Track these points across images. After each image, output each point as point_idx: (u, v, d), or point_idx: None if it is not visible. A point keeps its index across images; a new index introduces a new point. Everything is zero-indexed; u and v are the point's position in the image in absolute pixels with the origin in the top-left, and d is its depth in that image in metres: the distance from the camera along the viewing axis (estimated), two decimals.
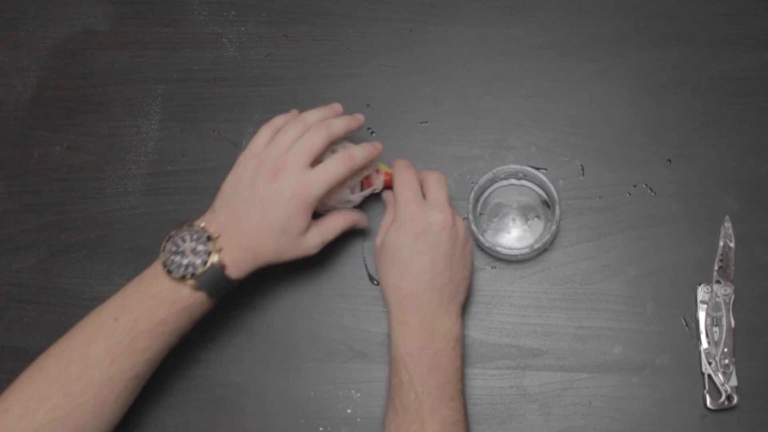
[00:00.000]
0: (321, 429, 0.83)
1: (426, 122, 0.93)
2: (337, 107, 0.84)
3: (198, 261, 0.74)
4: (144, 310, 0.74)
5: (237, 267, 0.76)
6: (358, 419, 0.83)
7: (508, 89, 0.94)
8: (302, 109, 0.92)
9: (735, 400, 0.79)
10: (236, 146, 0.94)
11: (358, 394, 0.84)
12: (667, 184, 0.88)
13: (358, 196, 0.84)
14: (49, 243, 0.92)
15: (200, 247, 0.75)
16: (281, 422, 0.84)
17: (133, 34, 1.01)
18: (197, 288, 0.74)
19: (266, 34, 0.99)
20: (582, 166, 0.89)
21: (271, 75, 0.97)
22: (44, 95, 0.99)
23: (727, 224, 0.84)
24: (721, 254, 0.84)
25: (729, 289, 0.82)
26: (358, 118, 0.84)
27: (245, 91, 0.96)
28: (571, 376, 0.83)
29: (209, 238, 0.75)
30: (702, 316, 0.82)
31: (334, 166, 0.77)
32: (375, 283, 0.87)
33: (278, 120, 0.82)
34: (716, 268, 0.84)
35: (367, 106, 0.94)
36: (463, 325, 0.79)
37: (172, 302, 0.74)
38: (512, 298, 0.86)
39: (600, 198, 0.88)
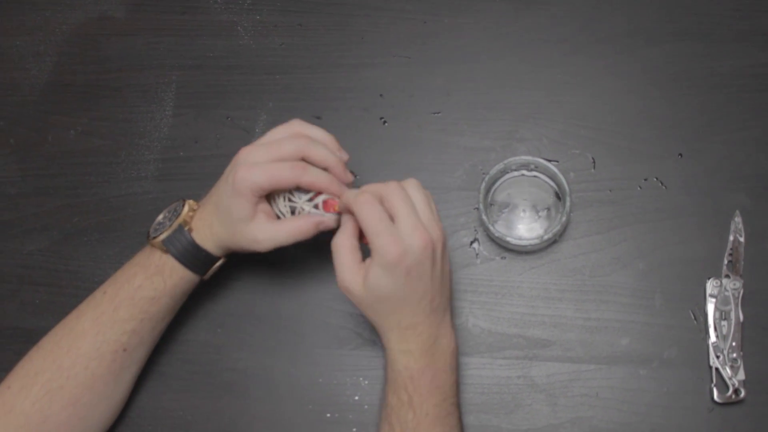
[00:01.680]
0: (328, 415, 0.83)
1: (438, 113, 0.93)
2: (344, 155, 0.81)
3: (168, 222, 0.79)
4: (124, 280, 0.79)
5: (200, 235, 0.79)
6: (366, 406, 0.83)
7: (520, 82, 0.94)
8: (314, 98, 0.93)
9: (742, 393, 0.79)
10: (249, 133, 0.94)
11: (366, 382, 0.84)
12: (677, 178, 0.88)
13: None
14: (61, 226, 0.93)
15: (174, 214, 0.79)
16: (289, 408, 0.84)
17: (148, 21, 1.01)
18: (165, 249, 0.78)
19: (281, 23, 0.99)
20: (593, 158, 0.90)
21: (285, 63, 0.97)
22: (59, 80, 1.00)
23: (738, 219, 0.85)
24: (731, 249, 0.84)
25: (738, 284, 0.82)
26: (347, 176, 0.79)
27: (259, 79, 0.97)
28: (578, 368, 0.83)
29: (183, 205, 0.79)
30: (711, 309, 0.82)
31: (283, 168, 0.75)
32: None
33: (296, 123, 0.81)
34: (726, 262, 0.84)
35: (380, 95, 0.94)
36: (455, 335, 0.77)
37: (146, 267, 0.78)
38: (521, 288, 0.86)
39: (610, 191, 0.88)
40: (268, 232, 0.77)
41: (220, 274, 0.87)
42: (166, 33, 1.00)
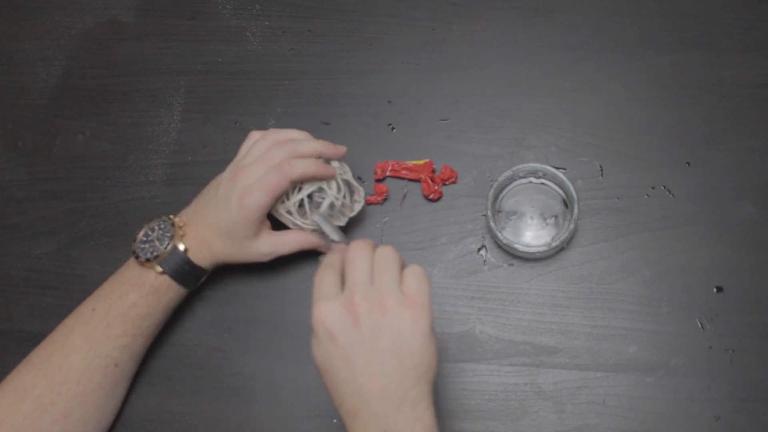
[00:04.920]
0: (335, 421, 0.83)
1: (447, 120, 0.94)
2: (340, 148, 0.83)
3: (160, 246, 0.79)
4: (116, 297, 0.79)
5: (197, 255, 0.80)
6: None
7: (529, 89, 0.94)
8: (322, 104, 0.94)
9: None
10: None
11: None
12: (685, 186, 0.88)
13: (306, 222, 0.82)
14: (69, 230, 0.93)
15: (165, 234, 0.80)
16: (295, 413, 0.84)
17: (157, 26, 1.02)
18: (161, 271, 0.79)
19: (290, 28, 1.00)
20: (601, 166, 0.90)
21: (293, 69, 0.98)
22: (68, 84, 1.00)
23: None
24: None
25: None
26: (338, 149, 0.82)
27: (268, 85, 0.97)
28: (585, 375, 0.83)
29: (173, 225, 0.80)
30: None
31: (272, 176, 0.77)
32: None
33: (255, 134, 0.84)
34: None
35: (389, 102, 0.95)
36: (431, 424, 0.64)
37: (140, 286, 0.79)
38: (528, 295, 0.86)
39: (618, 199, 0.88)
40: (271, 245, 0.81)
41: (226, 279, 0.88)
42: (175, 38, 1.01)
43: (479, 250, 0.88)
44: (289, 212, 0.82)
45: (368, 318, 0.63)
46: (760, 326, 0.83)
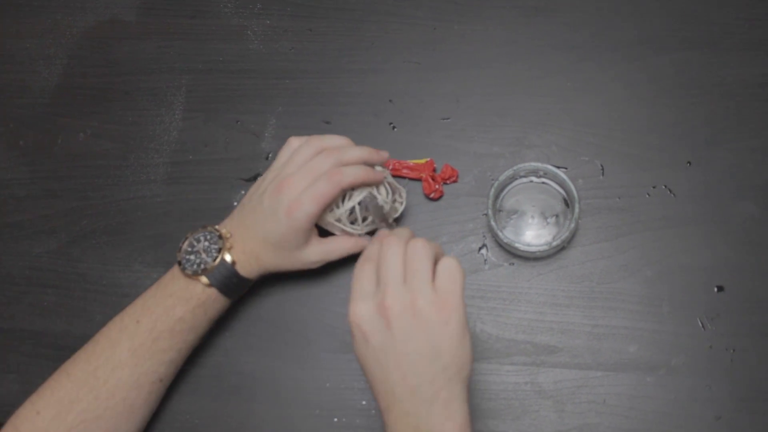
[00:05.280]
0: (335, 420, 0.83)
1: (448, 119, 0.94)
2: (384, 153, 0.84)
3: (209, 258, 0.78)
4: (162, 311, 0.77)
5: (245, 267, 0.79)
6: (373, 411, 0.83)
7: (530, 88, 0.94)
8: (323, 103, 0.94)
9: None
10: (258, 137, 0.94)
11: None
12: (686, 186, 0.88)
13: (356, 228, 0.82)
14: (70, 228, 0.93)
15: (212, 246, 0.78)
16: (296, 412, 0.84)
17: (158, 25, 1.02)
18: (209, 284, 0.78)
19: (291, 27, 1.00)
20: (602, 166, 0.90)
21: (294, 68, 0.98)
22: (70, 83, 1.00)
23: None
24: None
25: None
26: (381, 154, 0.83)
27: (269, 84, 0.97)
28: (585, 374, 0.83)
29: (220, 237, 0.79)
30: None
31: (322, 185, 0.77)
32: None
33: (295, 141, 0.83)
34: None
35: (390, 101, 0.95)
36: (463, 423, 0.65)
37: (187, 300, 0.78)
38: (529, 294, 0.86)
39: (619, 198, 0.88)
40: (321, 253, 0.81)
41: None
42: (176, 37, 1.01)
43: (480, 249, 0.88)
44: (339, 220, 0.81)
45: (399, 320, 0.64)
46: (761, 326, 0.83)
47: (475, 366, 0.84)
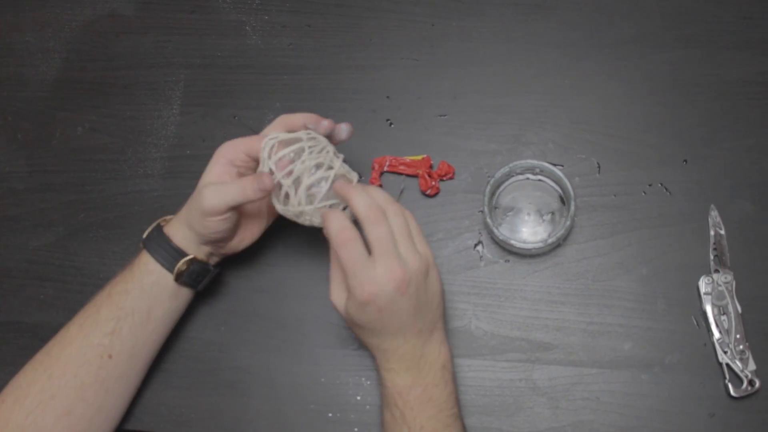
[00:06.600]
0: (330, 415, 0.84)
1: (445, 115, 0.94)
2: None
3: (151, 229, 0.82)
4: (109, 284, 0.80)
5: (177, 233, 0.80)
6: (367, 406, 0.84)
7: (527, 86, 0.94)
8: (321, 99, 0.94)
9: (757, 384, 0.80)
10: (256, 132, 0.94)
11: (369, 382, 0.84)
12: (682, 184, 0.88)
13: (309, 209, 0.76)
14: (67, 222, 0.93)
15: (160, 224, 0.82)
16: (291, 407, 0.84)
17: (157, 20, 1.02)
18: (143, 246, 0.80)
19: (289, 23, 1.00)
20: (598, 163, 0.90)
21: (293, 64, 0.98)
22: (68, 77, 1.00)
23: (714, 212, 0.86)
24: (714, 243, 0.85)
25: (729, 276, 0.83)
26: (347, 129, 0.82)
27: (267, 79, 0.97)
28: (580, 371, 0.83)
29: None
30: (708, 307, 0.82)
31: (253, 138, 0.81)
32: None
33: None
34: (712, 257, 0.85)
35: (387, 97, 0.95)
36: (449, 345, 0.77)
37: (124, 267, 0.81)
38: (525, 291, 0.86)
39: (615, 196, 0.89)
40: (218, 195, 0.77)
41: (224, 272, 0.88)
42: (174, 32, 1.01)
43: (476, 246, 0.88)
44: (300, 204, 0.75)
45: (410, 286, 0.71)
46: (756, 324, 0.83)
47: (470, 362, 0.84)
